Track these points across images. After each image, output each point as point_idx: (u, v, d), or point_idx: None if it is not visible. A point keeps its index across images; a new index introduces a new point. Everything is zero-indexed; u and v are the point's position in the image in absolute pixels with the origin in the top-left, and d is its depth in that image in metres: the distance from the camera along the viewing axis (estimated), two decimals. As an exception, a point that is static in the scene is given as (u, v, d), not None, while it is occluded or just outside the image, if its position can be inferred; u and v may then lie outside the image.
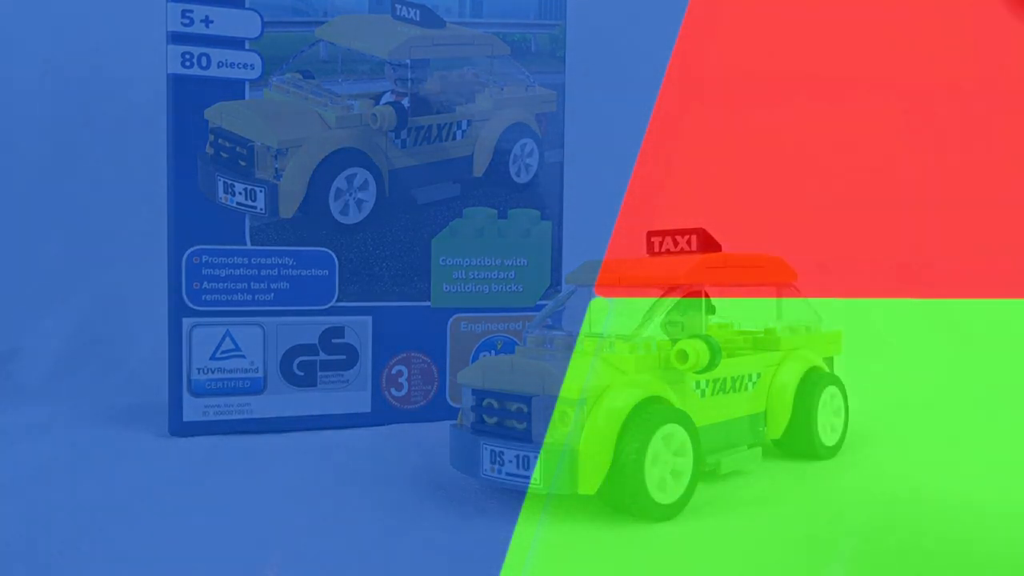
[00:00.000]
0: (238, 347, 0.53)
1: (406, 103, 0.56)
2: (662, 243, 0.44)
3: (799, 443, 0.46)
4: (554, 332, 0.42)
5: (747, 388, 0.44)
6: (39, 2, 0.83)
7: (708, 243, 0.42)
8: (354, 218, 0.55)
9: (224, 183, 0.53)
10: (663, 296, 0.40)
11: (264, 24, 0.53)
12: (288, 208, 0.54)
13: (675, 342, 0.38)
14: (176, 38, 0.51)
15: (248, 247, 0.53)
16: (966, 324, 0.82)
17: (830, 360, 0.52)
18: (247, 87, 0.53)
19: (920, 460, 0.46)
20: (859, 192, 0.88)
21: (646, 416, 0.36)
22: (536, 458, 0.35)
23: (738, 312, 0.52)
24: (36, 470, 0.44)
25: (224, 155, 0.53)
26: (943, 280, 0.84)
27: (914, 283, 0.83)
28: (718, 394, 0.42)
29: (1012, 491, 0.40)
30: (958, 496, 0.39)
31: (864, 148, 0.89)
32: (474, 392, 0.39)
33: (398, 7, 0.56)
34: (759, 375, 0.45)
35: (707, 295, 0.41)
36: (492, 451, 0.36)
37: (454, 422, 0.40)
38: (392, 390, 0.57)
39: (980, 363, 0.75)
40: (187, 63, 0.51)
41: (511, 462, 0.35)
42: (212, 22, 0.52)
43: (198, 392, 0.53)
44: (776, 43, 0.89)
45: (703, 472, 0.40)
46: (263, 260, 0.54)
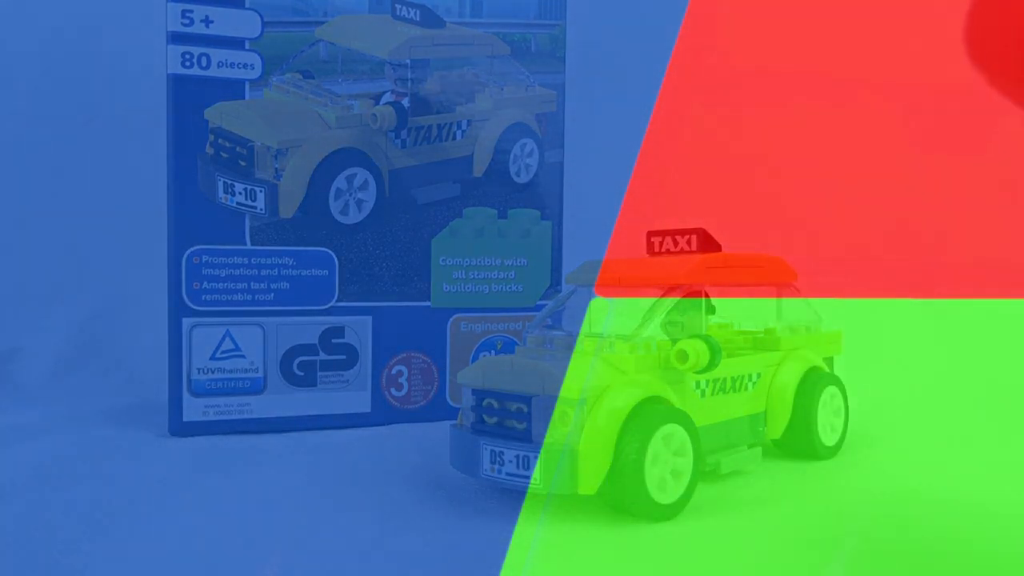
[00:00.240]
0: (238, 347, 0.53)
1: (406, 103, 0.56)
2: (662, 243, 0.44)
3: (799, 443, 0.46)
4: (554, 332, 0.42)
5: (747, 388, 0.44)
6: (39, 2, 0.83)
7: (708, 243, 0.42)
8: (354, 218, 0.55)
9: (224, 183, 0.53)
10: (663, 296, 0.40)
11: (264, 24, 0.53)
12: (288, 208, 0.54)
13: (675, 342, 0.38)
14: (176, 38, 0.51)
15: (248, 247, 0.53)
16: (966, 324, 0.82)
17: (830, 360, 0.52)
18: (247, 87, 0.53)
19: (920, 460, 0.46)
20: (859, 192, 0.88)
21: (646, 416, 0.36)
22: (536, 458, 0.35)
23: (738, 312, 0.52)
24: (36, 470, 0.44)
25: (224, 155, 0.53)
26: (943, 280, 0.84)
27: (914, 283, 0.83)
28: (718, 394, 0.42)
29: (1012, 491, 0.40)
30: (958, 496, 0.39)
31: (864, 148, 0.89)
32: (474, 392, 0.39)
33: (398, 7, 0.56)
34: (759, 375, 0.45)
35: (707, 295, 0.41)
36: (492, 451, 0.36)
37: (454, 422, 0.40)
38: (392, 390, 0.57)
39: (980, 363, 0.75)
40: (187, 63, 0.51)
41: (511, 462, 0.35)
42: (212, 22, 0.52)
43: (198, 392, 0.53)
44: (776, 43, 0.89)
45: (703, 472, 0.40)
46: (263, 260, 0.54)
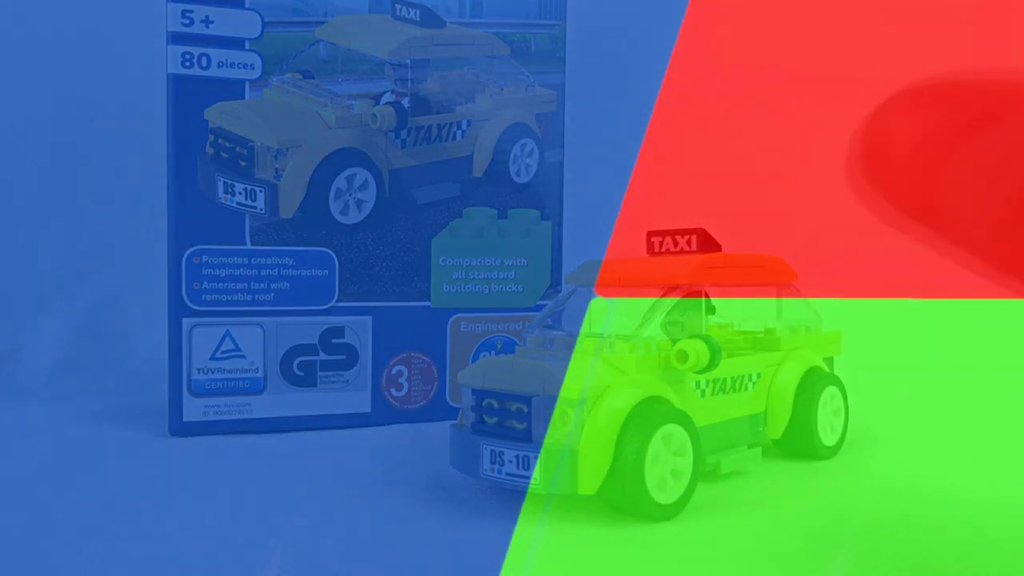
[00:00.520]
0: (238, 347, 0.53)
1: (406, 103, 0.56)
2: (662, 243, 0.44)
3: (799, 443, 0.46)
4: (554, 332, 0.42)
5: (747, 388, 0.44)
6: (39, 2, 0.83)
7: (708, 243, 0.42)
8: (354, 218, 0.55)
9: (224, 183, 0.53)
10: (663, 296, 0.40)
11: (264, 24, 0.53)
12: (288, 208, 0.54)
13: (675, 342, 0.38)
14: (176, 38, 0.51)
15: (248, 247, 0.53)
16: (966, 324, 0.82)
17: (830, 360, 0.52)
18: (247, 87, 0.53)
19: (920, 460, 0.46)
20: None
21: (646, 416, 0.36)
22: (536, 458, 0.35)
23: (738, 312, 0.52)
24: (36, 470, 0.44)
25: (224, 155, 0.53)
26: (943, 280, 0.84)
27: (914, 283, 0.83)
28: (718, 394, 0.42)
29: (1012, 490, 0.40)
30: (958, 496, 0.39)
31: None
32: (474, 392, 0.39)
33: (398, 7, 0.56)
34: (759, 375, 0.45)
35: (707, 295, 0.41)
36: (492, 451, 0.36)
37: (454, 422, 0.40)
38: (392, 390, 0.57)
39: (980, 363, 0.75)
40: (187, 63, 0.51)
41: (511, 462, 0.35)
42: (212, 22, 0.52)
43: (198, 392, 0.53)
44: (776, 43, 0.89)
45: (703, 472, 0.40)
46: (263, 260, 0.54)
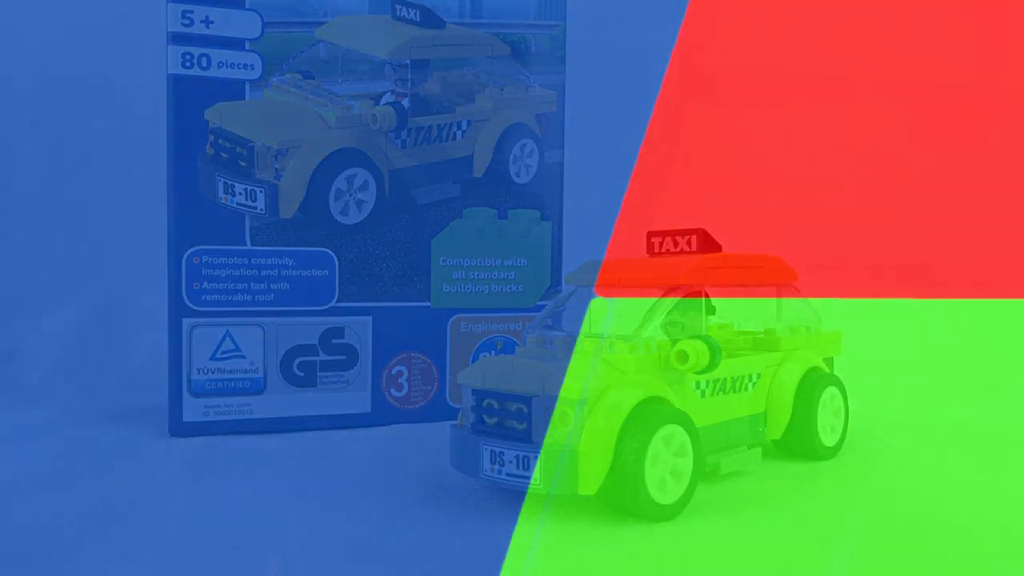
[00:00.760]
0: (238, 347, 0.53)
1: (406, 103, 0.56)
2: (662, 243, 0.44)
3: (799, 443, 0.46)
4: (554, 332, 0.42)
5: (747, 388, 0.44)
6: (39, 2, 0.83)
7: (708, 243, 0.42)
8: (354, 218, 0.55)
9: (224, 183, 0.53)
10: (663, 296, 0.40)
11: (264, 24, 0.53)
12: (288, 208, 0.54)
13: (675, 342, 0.38)
14: (176, 38, 0.51)
15: (248, 247, 0.53)
16: (966, 324, 0.82)
17: (830, 360, 0.52)
18: (247, 87, 0.53)
19: (920, 460, 0.46)
20: (859, 192, 0.88)
21: (646, 416, 0.36)
22: (536, 458, 0.35)
23: (738, 312, 0.52)
24: (36, 470, 0.44)
25: (224, 155, 0.53)
26: (943, 280, 0.84)
27: (914, 283, 0.83)
28: (718, 394, 0.42)
29: (1012, 491, 0.40)
30: (959, 496, 0.39)
31: (864, 148, 0.89)
32: (474, 392, 0.39)
33: (398, 7, 0.56)
34: (759, 375, 0.45)
35: (707, 295, 0.41)
36: (492, 451, 0.36)
37: (454, 422, 0.40)
38: (392, 390, 0.57)
39: (980, 363, 0.75)
40: (187, 63, 0.51)
41: (511, 462, 0.36)
42: (212, 22, 0.52)
43: (198, 392, 0.53)
44: (776, 43, 0.89)
45: (703, 472, 0.40)
46: (263, 260, 0.54)
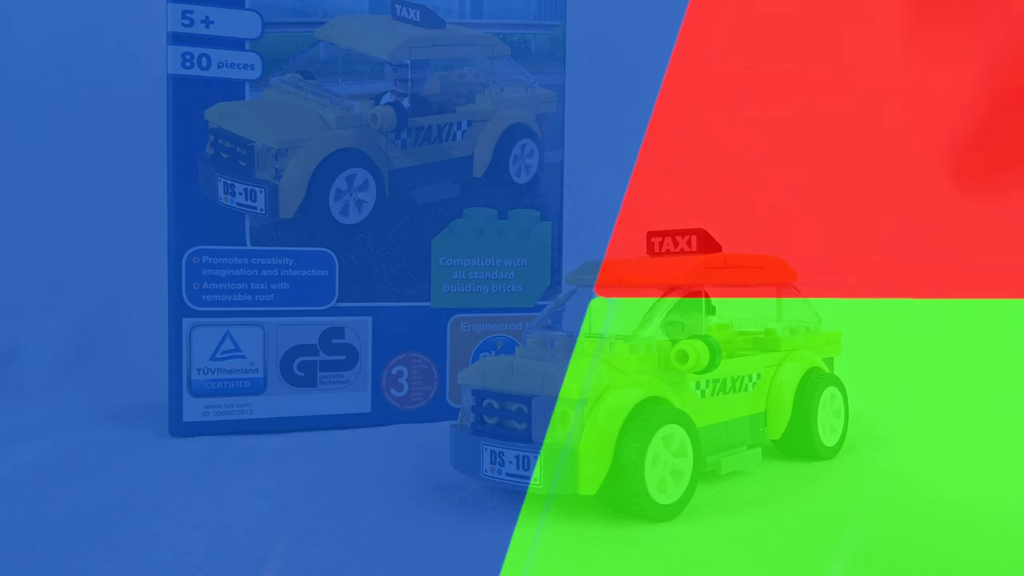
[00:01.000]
0: (238, 347, 0.53)
1: (406, 103, 0.56)
2: (662, 243, 0.44)
3: (799, 443, 0.46)
4: (554, 332, 0.42)
5: (747, 388, 0.44)
6: (39, 2, 0.83)
7: (708, 243, 0.42)
8: (354, 218, 0.55)
9: (224, 183, 0.53)
10: (663, 296, 0.40)
11: (264, 25, 0.53)
12: (288, 208, 0.54)
13: (675, 342, 0.38)
14: (176, 39, 0.51)
15: (248, 247, 0.53)
16: (966, 324, 0.82)
17: (830, 360, 0.52)
18: (247, 87, 0.53)
19: (920, 460, 0.46)
20: (859, 192, 0.88)
21: (646, 416, 0.36)
22: (536, 458, 0.35)
23: (738, 312, 0.52)
24: (36, 470, 0.44)
25: (224, 155, 0.53)
26: (943, 280, 0.84)
27: (914, 283, 0.83)
28: (718, 394, 0.42)
29: (1012, 491, 0.40)
30: (959, 496, 0.39)
31: (864, 148, 0.89)
32: (474, 392, 0.39)
33: (398, 7, 0.56)
34: (759, 375, 0.45)
35: (707, 295, 0.41)
36: (492, 451, 0.36)
37: (454, 422, 0.40)
38: (392, 390, 0.57)
39: (980, 363, 0.75)
40: (187, 63, 0.51)
41: (511, 462, 0.36)
42: (212, 23, 0.52)
43: (198, 392, 0.53)
44: (776, 43, 0.89)
45: (703, 473, 0.40)
46: (263, 260, 0.54)
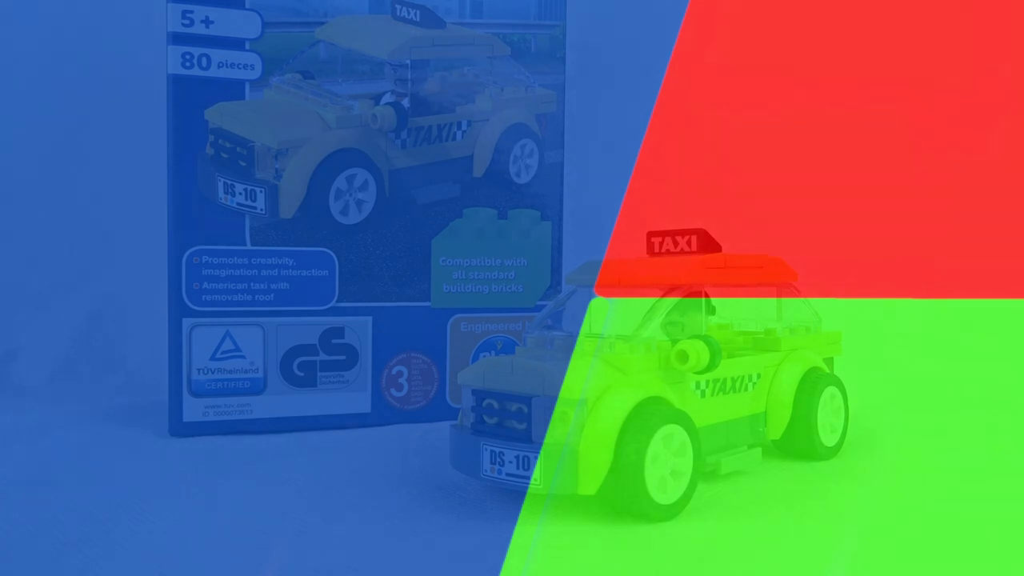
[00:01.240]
0: (238, 347, 0.53)
1: (406, 103, 0.56)
2: (662, 243, 0.44)
3: (799, 443, 0.46)
4: (554, 332, 0.42)
5: (747, 388, 0.44)
6: (39, 2, 0.83)
7: (708, 243, 0.42)
8: (354, 218, 0.55)
9: (224, 183, 0.53)
10: (663, 296, 0.40)
11: (264, 25, 0.53)
12: (288, 208, 0.54)
13: (675, 342, 0.38)
14: (176, 39, 0.51)
15: (248, 247, 0.53)
16: (966, 324, 0.82)
17: (830, 360, 0.52)
18: (247, 87, 0.53)
19: (920, 460, 0.46)
20: (859, 192, 0.88)
21: (646, 416, 0.36)
22: (536, 458, 0.35)
23: (738, 312, 0.52)
24: (36, 470, 0.44)
25: (224, 155, 0.53)
26: (943, 280, 0.84)
27: (914, 283, 0.83)
28: (718, 394, 0.42)
29: (1012, 491, 0.40)
30: (958, 496, 0.39)
31: (864, 148, 0.89)
32: (474, 392, 0.39)
33: (398, 7, 0.56)
34: (759, 375, 0.45)
35: (707, 295, 0.41)
36: (492, 451, 0.36)
37: (454, 422, 0.40)
38: (392, 390, 0.57)
39: (980, 363, 0.75)
40: (187, 63, 0.51)
41: (511, 462, 0.36)
42: (212, 23, 0.52)
43: (198, 392, 0.53)
44: (776, 42, 0.89)
45: (703, 472, 0.40)
46: (263, 260, 0.54)
